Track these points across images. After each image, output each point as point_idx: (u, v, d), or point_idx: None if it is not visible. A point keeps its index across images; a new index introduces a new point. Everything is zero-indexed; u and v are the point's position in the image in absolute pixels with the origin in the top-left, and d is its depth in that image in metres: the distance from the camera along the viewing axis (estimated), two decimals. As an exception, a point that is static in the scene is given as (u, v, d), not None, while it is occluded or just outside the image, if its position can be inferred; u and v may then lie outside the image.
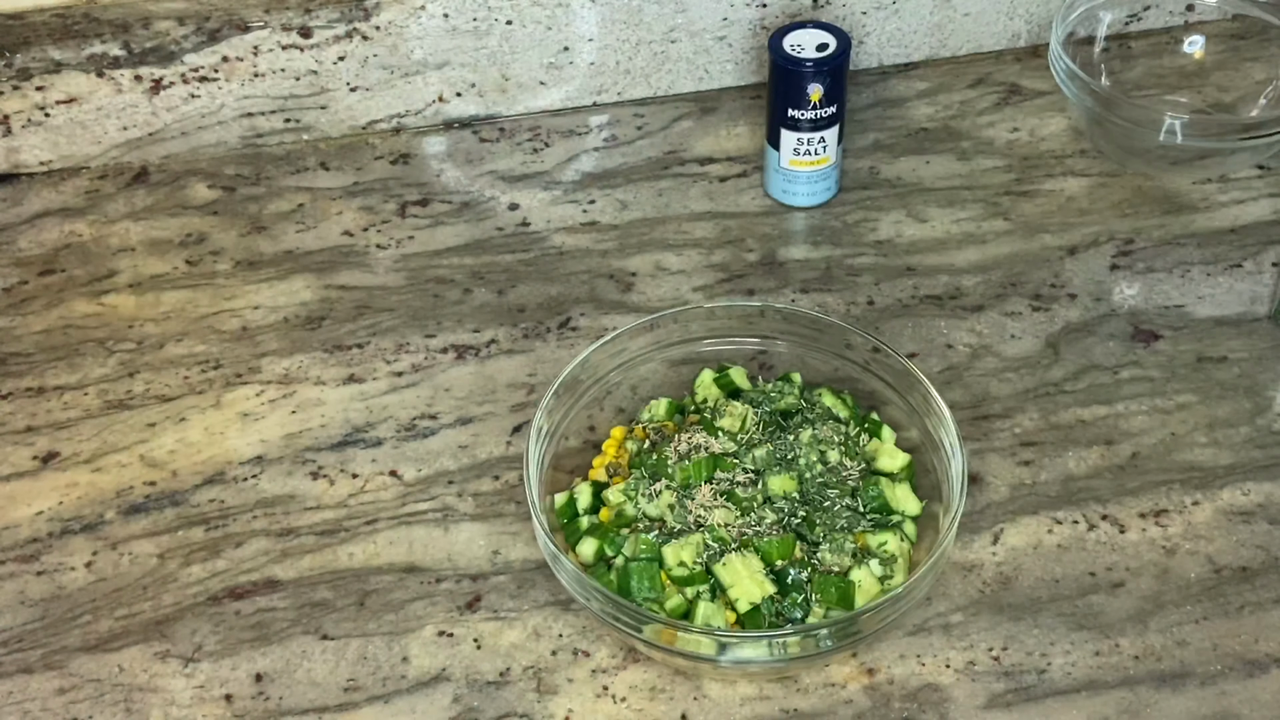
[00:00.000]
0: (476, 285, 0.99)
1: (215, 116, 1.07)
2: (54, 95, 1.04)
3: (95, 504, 0.86)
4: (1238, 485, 0.85)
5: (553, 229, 1.03)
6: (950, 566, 0.81)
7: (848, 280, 0.98)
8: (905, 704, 0.75)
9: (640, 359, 0.87)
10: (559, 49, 1.09)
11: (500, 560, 0.82)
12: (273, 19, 1.03)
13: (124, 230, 1.03)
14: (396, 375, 0.93)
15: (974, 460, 0.86)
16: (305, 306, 0.98)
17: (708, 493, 0.79)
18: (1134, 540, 0.82)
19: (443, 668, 0.77)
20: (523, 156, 1.09)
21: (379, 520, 0.84)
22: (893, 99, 1.13)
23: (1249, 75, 1.11)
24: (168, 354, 0.94)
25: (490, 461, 0.87)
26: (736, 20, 1.10)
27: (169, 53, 1.03)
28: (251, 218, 1.04)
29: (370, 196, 1.06)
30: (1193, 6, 1.15)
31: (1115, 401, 0.90)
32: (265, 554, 0.83)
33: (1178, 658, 0.76)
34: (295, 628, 0.79)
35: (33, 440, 0.89)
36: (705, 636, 0.72)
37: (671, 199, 1.05)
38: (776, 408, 0.84)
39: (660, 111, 1.12)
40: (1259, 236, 1.00)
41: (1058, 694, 0.75)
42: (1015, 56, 1.17)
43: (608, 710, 0.75)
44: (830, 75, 0.96)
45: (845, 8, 1.11)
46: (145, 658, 0.78)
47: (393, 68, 1.07)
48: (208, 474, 0.87)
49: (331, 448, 0.88)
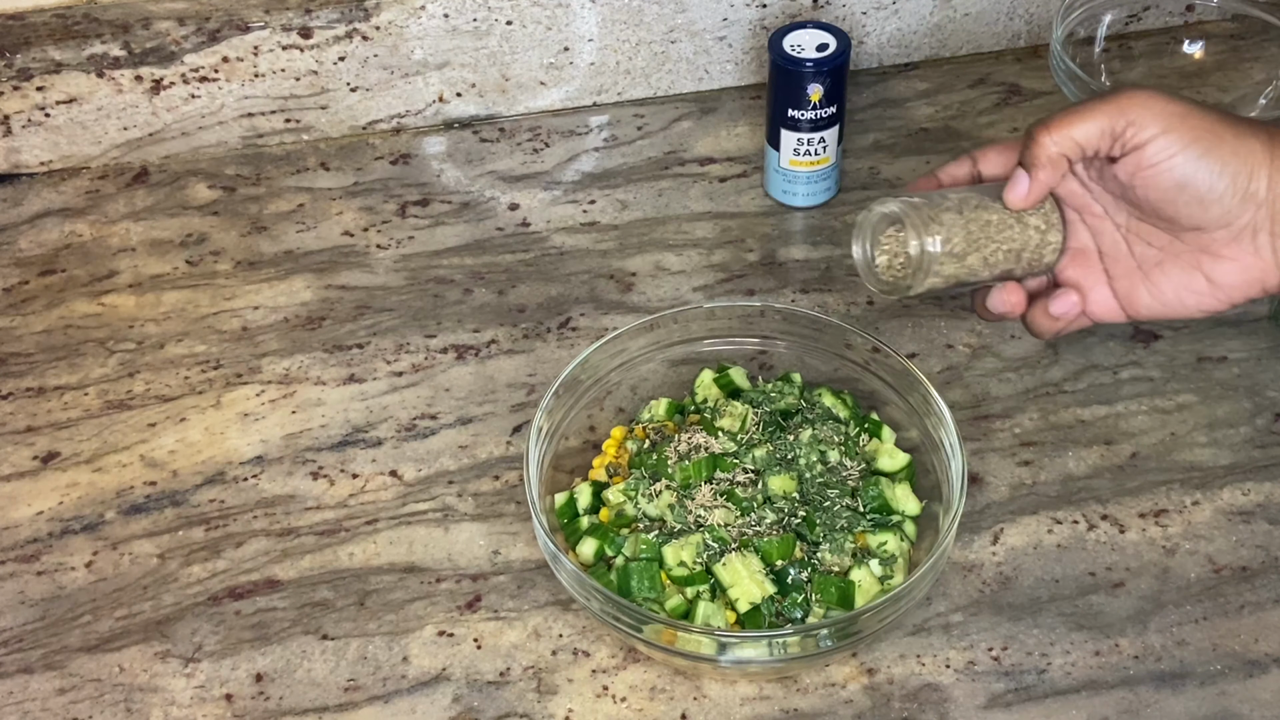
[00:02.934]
0: (476, 285, 0.99)
1: (215, 116, 1.07)
2: (54, 95, 1.04)
3: (95, 504, 0.86)
4: (1238, 485, 0.85)
5: (553, 229, 1.03)
6: (950, 566, 0.81)
7: (848, 280, 0.98)
8: (905, 704, 0.75)
9: (640, 359, 0.87)
10: (559, 49, 1.09)
11: (500, 560, 0.82)
12: (273, 19, 1.03)
13: (124, 230, 1.03)
14: (396, 375, 0.93)
15: (974, 460, 0.86)
16: (305, 306, 0.98)
17: (708, 493, 0.79)
18: (1134, 540, 0.82)
19: (443, 668, 0.77)
20: (523, 156, 1.09)
21: (379, 520, 0.84)
22: (893, 99, 1.13)
23: (1249, 75, 1.11)
24: (168, 354, 0.94)
25: (490, 461, 0.87)
26: (736, 20, 1.10)
27: (169, 53, 1.03)
28: (251, 218, 1.04)
29: (370, 196, 1.06)
30: (1193, 7, 1.15)
31: (1115, 401, 0.90)
32: (265, 554, 0.83)
33: (1177, 658, 0.77)
34: (295, 628, 0.79)
35: (33, 440, 0.89)
36: (705, 636, 0.72)
37: (671, 199, 1.05)
38: (776, 408, 0.84)
39: (660, 111, 1.12)
40: (1259, 236, 1.01)
41: (1058, 694, 0.75)
42: (1015, 56, 1.17)
43: (608, 710, 0.75)
44: (830, 75, 0.96)
45: (845, 8, 1.11)
46: (145, 658, 0.78)
47: (393, 68, 1.07)
48: (208, 474, 0.87)
49: (331, 448, 0.88)
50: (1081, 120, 0.69)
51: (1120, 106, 0.68)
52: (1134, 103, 0.68)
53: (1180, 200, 0.68)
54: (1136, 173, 0.69)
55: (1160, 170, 0.68)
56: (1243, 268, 0.70)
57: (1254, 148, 0.68)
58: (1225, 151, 0.68)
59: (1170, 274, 0.71)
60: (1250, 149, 0.68)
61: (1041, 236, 0.72)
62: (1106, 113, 0.68)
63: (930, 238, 0.70)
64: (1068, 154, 0.69)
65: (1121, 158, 0.69)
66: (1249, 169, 0.68)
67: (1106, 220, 0.73)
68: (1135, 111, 0.68)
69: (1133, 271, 0.72)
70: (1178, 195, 0.68)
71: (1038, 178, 0.70)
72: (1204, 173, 0.68)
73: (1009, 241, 0.72)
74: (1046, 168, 0.69)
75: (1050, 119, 0.70)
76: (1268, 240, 0.69)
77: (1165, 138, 0.67)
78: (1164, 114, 0.67)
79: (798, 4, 1.10)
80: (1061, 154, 0.69)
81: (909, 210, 0.71)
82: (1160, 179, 0.68)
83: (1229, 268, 0.70)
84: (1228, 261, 0.70)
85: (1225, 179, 0.68)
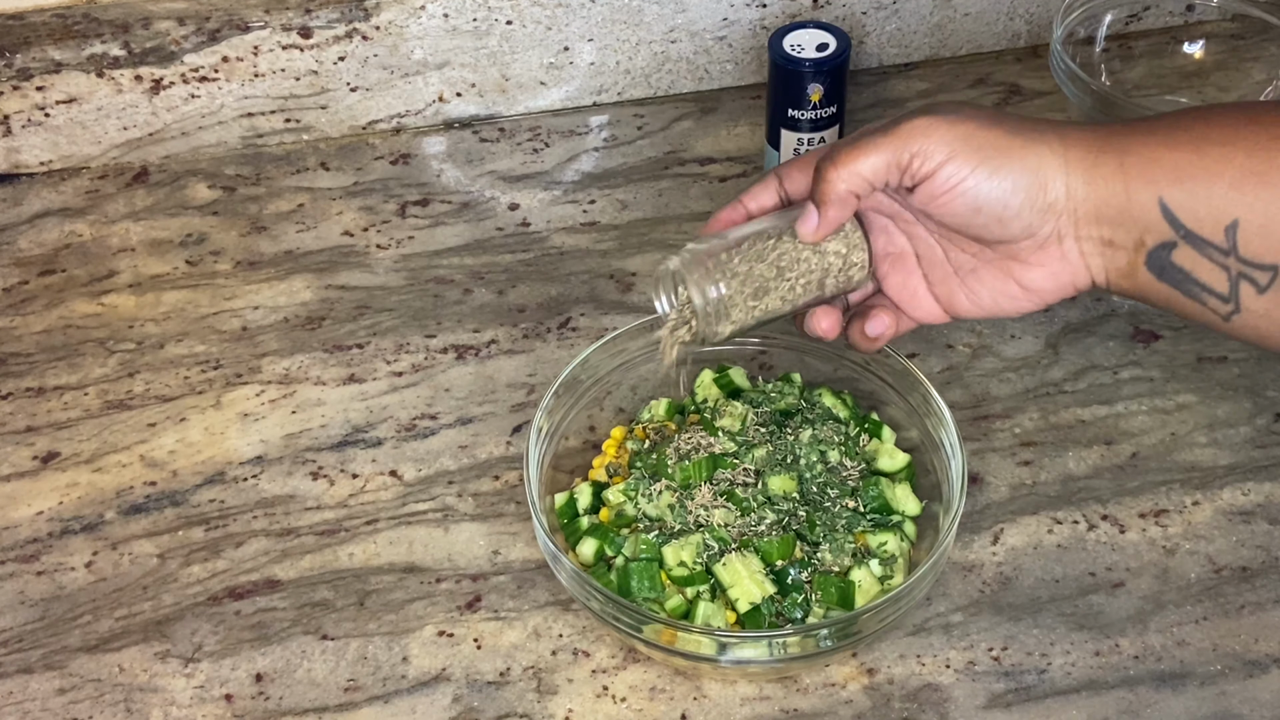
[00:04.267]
0: (476, 285, 0.99)
1: (215, 116, 1.07)
2: (54, 95, 1.04)
3: (95, 504, 0.86)
4: (1238, 485, 0.85)
5: (553, 229, 1.03)
6: (950, 566, 0.81)
7: (848, 280, 0.98)
8: (905, 704, 0.75)
9: (640, 359, 0.87)
10: (559, 49, 1.09)
11: (500, 560, 0.82)
12: (273, 19, 1.03)
13: (124, 230, 1.03)
14: (396, 375, 0.93)
15: (974, 460, 0.86)
16: (305, 306, 0.98)
17: (708, 493, 0.79)
18: (1134, 540, 0.82)
19: (443, 668, 0.77)
20: (523, 156, 1.09)
21: (379, 520, 0.84)
22: (893, 99, 1.13)
23: (1249, 75, 1.11)
24: (168, 354, 0.94)
25: (490, 461, 0.87)
26: (736, 20, 1.10)
27: (169, 53, 1.03)
28: (251, 218, 1.04)
29: (370, 196, 1.06)
30: (1193, 6, 1.15)
31: (1115, 401, 0.90)
32: (265, 554, 0.83)
33: (1178, 658, 0.77)
34: (295, 628, 0.79)
35: (33, 440, 0.89)
36: (705, 636, 0.72)
37: (671, 199, 1.05)
38: (776, 408, 0.84)
39: (660, 111, 1.12)
40: (1259, 236, 1.00)
41: (1058, 694, 0.75)
42: (1015, 56, 1.17)
43: (608, 710, 0.75)
44: (830, 75, 0.96)
45: (845, 8, 1.11)
46: (145, 658, 0.78)
47: (393, 68, 1.07)
48: (208, 474, 0.87)
49: (331, 448, 0.88)
50: (866, 155, 0.68)
51: (903, 137, 0.67)
52: (916, 131, 0.67)
53: (978, 221, 0.68)
54: (930, 201, 0.68)
55: (953, 196, 0.67)
56: (1052, 273, 0.70)
57: (1044, 155, 0.67)
58: (1015, 167, 0.67)
59: (984, 280, 0.71)
60: (1040, 157, 0.67)
61: (844, 259, 0.72)
62: (891, 145, 0.67)
63: (712, 286, 0.70)
64: (855, 190, 0.69)
65: (915, 188, 0.68)
66: (1041, 180, 0.67)
67: (917, 225, 0.73)
68: (918, 140, 0.67)
69: (949, 276, 0.72)
70: (973, 218, 0.68)
71: (827, 215, 0.69)
72: (996, 192, 0.67)
73: (809, 273, 0.71)
74: (835, 205, 0.69)
75: (837, 154, 0.69)
76: (1074, 245, 0.69)
77: (952, 164, 0.67)
78: (947, 139, 0.67)
79: (798, 4, 1.10)
80: (850, 190, 0.69)
81: (690, 265, 0.70)
82: (954, 204, 0.67)
83: (1038, 273, 0.70)
84: (1036, 268, 0.70)
85: (1019, 194, 0.67)
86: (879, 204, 0.73)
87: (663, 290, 0.74)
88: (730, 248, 0.72)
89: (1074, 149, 0.68)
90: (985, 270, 0.71)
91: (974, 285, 0.72)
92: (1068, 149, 0.68)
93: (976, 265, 0.71)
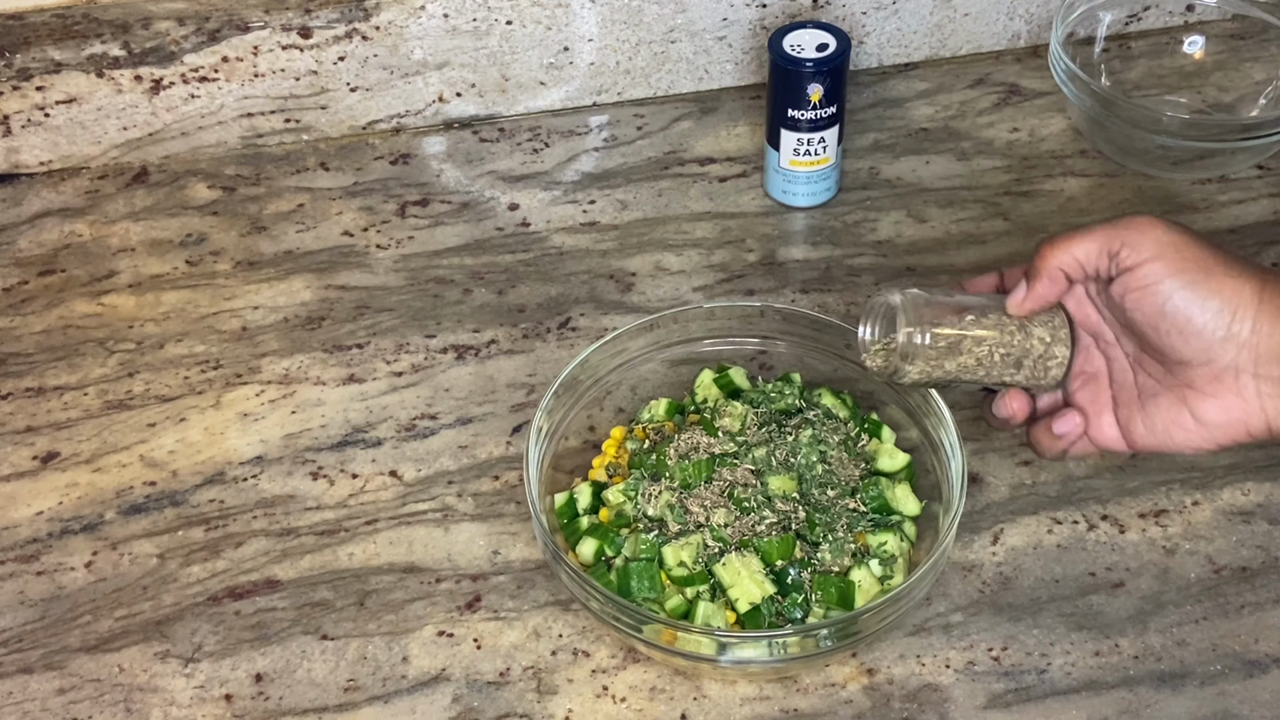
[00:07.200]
0: (476, 285, 0.99)
1: (215, 116, 1.07)
2: (54, 95, 1.04)
3: (95, 504, 0.86)
4: (1238, 485, 0.85)
5: (553, 229, 1.03)
6: (950, 566, 0.81)
7: (848, 280, 0.98)
8: (905, 704, 0.75)
9: (640, 359, 0.87)
10: (559, 49, 1.09)
11: (500, 560, 0.82)
12: (273, 19, 1.03)
13: (124, 230, 1.03)
14: (396, 375, 0.93)
15: (974, 460, 0.86)
16: (305, 306, 0.98)
17: (708, 493, 0.79)
18: (1134, 540, 0.82)
19: (443, 668, 0.77)
20: (523, 156, 1.09)
21: (379, 520, 0.84)
22: (893, 99, 1.13)
23: (1249, 75, 1.11)
24: (168, 354, 0.94)
25: (490, 461, 0.87)
26: (736, 20, 1.10)
27: (169, 53, 1.03)
28: (251, 218, 1.04)
29: (370, 196, 1.06)
30: (1193, 6, 1.15)
31: (1115, 401, 0.90)
32: (265, 554, 0.83)
33: (1177, 658, 0.77)
34: (295, 628, 0.79)
35: (33, 440, 0.89)
36: (705, 636, 0.72)
37: (671, 199, 1.05)
38: (776, 408, 0.84)
39: (660, 111, 1.12)
40: (1259, 236, 1.00)
41: (1058, 694, 0.75)
42: (1015, 56, 1.17)
43: (608, 710, 0.75)
44: (830, 75, 0.96)
45: (845, 8, 1.11)
46: (145, 658, 0.78)
47: (393, 68, 1.07)
48: (208, 474, 0.87)
49: (331, 448, 0.88)
50: (1082, 240, 0.71)
51: (1119, 229, 0.71)
52: (1132, 227, 0.70)
53: (1163, 327, 0.70)
54: (1126, 293, 0.71)
55: (1147, 293, 0.70)
56: (1225, 406, 0.71)
57: (1243, 289, 0.69)
58: (1212, 286, 0.69)
59: (1161, 406, 0.73)
60: (1238, 289, 0.69)
61: (1046, 348, 0.74)
62: (1106, 234, 0.71)
63: (919, 330, 0.73)
64: (1065, 268, 0.72)
65: (1116, 277, 0.71)
66: (1233, 308, 0.69)
67: (1117, 347, 0.75)
68: (1132, 235, 0.70)
69: (1133, 400, 0.74)
70: (1160, 321, 0.70)
71: (1034, 287, 0.73)
72: (1186, 303, 0.69)
73: (1008, 347, 0.74)
74: (1044, 279, 0.73)
75: (1056, 236, 0.73)
76: (1251, 382, 0.70)
77: (1156, 263, 0.69)
78: (1158, 241, 0.70)
79: (798, 4, 1.10)
80: (1059, 267, 0.72)
81: (908, 303, 0.74)
82: (1146, 302, 0.70)
83: (1211, 405, 0.71)
84: (1210, 399, 0.71)
85: (1208, 313, 0.69)
86: (1084, 319, 0.75)
87: (870, 319, 0.77)
88: (945, 302, 0.75)
89: (1270, 289, 0.69)
90: (1164, 396, 0.72)
91: (1151, 410, 0.73)
92: (1264, 287, 0.69)
93: (1158, 391, 0.73)
